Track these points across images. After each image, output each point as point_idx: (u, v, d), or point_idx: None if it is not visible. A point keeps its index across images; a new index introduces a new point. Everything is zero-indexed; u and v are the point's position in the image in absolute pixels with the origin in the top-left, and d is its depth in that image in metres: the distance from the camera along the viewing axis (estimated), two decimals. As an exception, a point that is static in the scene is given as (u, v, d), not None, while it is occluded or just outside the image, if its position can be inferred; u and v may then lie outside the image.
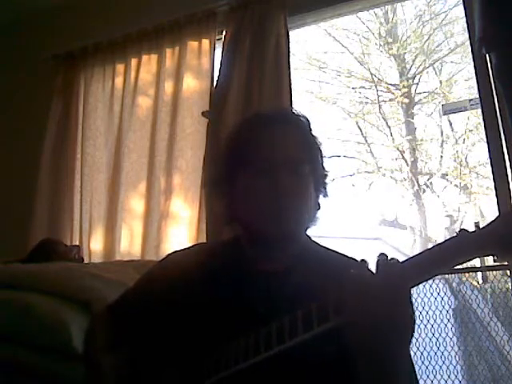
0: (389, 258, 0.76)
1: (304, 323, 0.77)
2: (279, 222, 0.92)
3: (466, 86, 5.67)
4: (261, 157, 0.96)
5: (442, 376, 2.23)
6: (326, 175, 1.03)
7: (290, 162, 0.95)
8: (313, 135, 1.03)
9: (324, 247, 1.04)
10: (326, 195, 1.03)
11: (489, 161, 1.88)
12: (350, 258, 0.98)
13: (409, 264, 0.76)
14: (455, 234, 0.76)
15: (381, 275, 0.73)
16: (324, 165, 1.03)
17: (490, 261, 1.86)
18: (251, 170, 0.96)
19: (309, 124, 1.04)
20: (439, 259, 0.76)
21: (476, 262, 1.98)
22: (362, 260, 0.78)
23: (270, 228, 0.93)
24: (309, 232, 1.04)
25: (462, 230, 0.76)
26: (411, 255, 0.78)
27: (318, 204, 1.02)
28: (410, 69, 6.16)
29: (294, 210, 0.93)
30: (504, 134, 1.81)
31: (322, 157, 1.03)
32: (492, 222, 0.76)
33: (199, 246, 1.31)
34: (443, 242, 0.77)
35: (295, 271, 0.95)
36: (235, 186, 0.99)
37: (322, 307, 0.76)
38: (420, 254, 0.78)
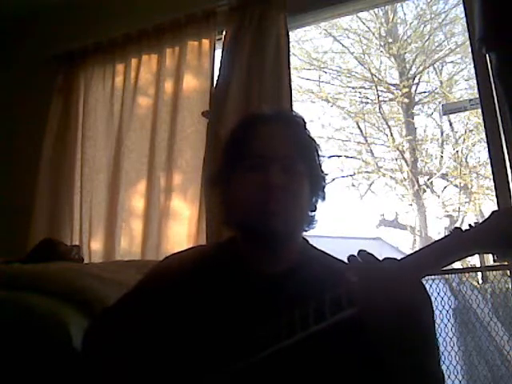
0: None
1: (317, 313, 0.79)
2: (268, 216, 0.91)
3: (466, 86, 5.68)
4: (253, 153, 0.96)
5: (442, 376, 2.23)
6: (323, 178, 1.02)
7: (282, 159, 0.95)
8: (309, 136, 1.02)
9: (321, 251, 1.03)
10: (323, 198, 1.02)
11: (489, 161, 1.88)
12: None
13: (409, 260, 0.78)
14: (449, 233, 0.78)
15: (387, 268, 0.77)
16: (321, 167, 1.02)
17: (490, 261, 1.86)
18: (244, 167, 0.96)
19: (305, 125, 1.03)
20: (435, 257, 0.77)
21: (476, 262, 1.98)
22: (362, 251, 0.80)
23: (258, 222, 0.92)
24: (305, 234, 1.03)
25: (456, 229, 0.77)
26: (408, 253, 0.81)
27: (315, 206, 1.01)
28: (410, 69, 6.17)
29: (283, 205, 0.92)
30: (504, 134, 1.81)
31: (318, 158, 1.02)
32: (486, 220, 0.77)
33: (196, 248, 1.32)
34: (438, 241, 0.78)
35: (292, 274, 0.94)
36: (230, 183, 0.99)
37: (334, 297, 0.78)
38: (417, 252, 0.80)
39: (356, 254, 0.79)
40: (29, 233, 2.34)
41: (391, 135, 6.09)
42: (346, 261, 0.81)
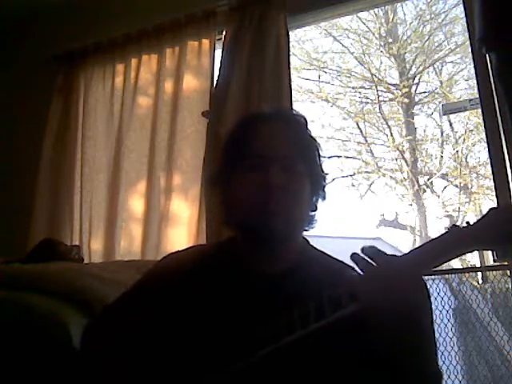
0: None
1: (317, 312, 0.78)
2: (268, 216, 0.91)
3: (466, 86, 5.68)
4: (253, 153, 0.96)
5: (442, 376, 2.22)
6: (323, 177, 1.02)
7: (282, 159, 0.95)
8: (309, 135, 1.02)
9: (321, 252, 1.03)
10: (323, 198, 1.02)
11: (489, 161, 1.88)
12: (347, 264, 0.95)
13: (410, 256, 0.78)
14: (447, 230, 0.78)
15: (388, 264, 0.76)
16: (322, 166, 1.02)
17: (490, 261, 1.86)
18: (244, 167, 0.96)
19: (306, 124, 1.03)
20: (436, 254, 0.77)
21: (476, 262, 1.98)
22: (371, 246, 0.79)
23: (258, 222, 0.92)
24: (306, 234, 1.03)
25: (454, 226, 0.78)
26: (409, 249, 0.81)
27: (315, 205, 1.01)
28: (410, 69, 6.17)
29: (283, 205, 0.92)
30: (504, 134, 1.81)
31: (319, 158, 1.02)
32: (484, 216, 0.78)
33: (196, 247, 1.32)
34: (437, 238, 0.79)
35: (291, 274, 0.94)
36: (230, 183, 0.99)
37: (334, 296, 0.78)
38: (417, 248, 0.80)
39: (363, 250, 0.79)
40: (29, 233, 2.34)
41: (391, 135, 6.10)
42: (346, 261, 0.81)
